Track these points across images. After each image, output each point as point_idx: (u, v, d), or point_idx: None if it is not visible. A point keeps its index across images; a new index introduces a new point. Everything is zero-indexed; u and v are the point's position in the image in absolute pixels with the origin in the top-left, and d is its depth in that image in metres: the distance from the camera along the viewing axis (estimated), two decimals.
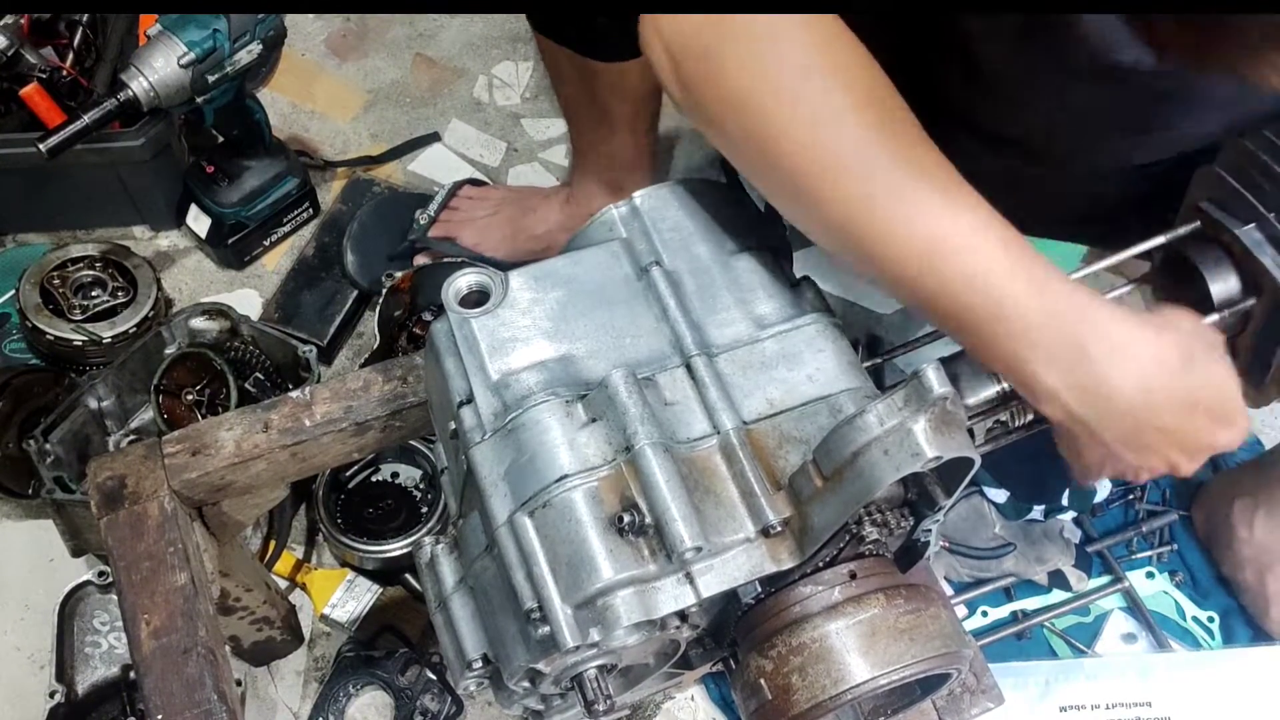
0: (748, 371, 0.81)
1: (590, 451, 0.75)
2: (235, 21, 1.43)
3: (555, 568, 0.73)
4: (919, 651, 0.77)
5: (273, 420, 1.04)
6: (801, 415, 0.79)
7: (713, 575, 0.73)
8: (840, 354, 0.83)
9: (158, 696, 0.93)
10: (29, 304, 1.50)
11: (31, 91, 1.54)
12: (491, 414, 0.78)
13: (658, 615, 0.73)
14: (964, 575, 1.44)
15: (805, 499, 0.73)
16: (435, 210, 1.68)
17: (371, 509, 1.46)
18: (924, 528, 0.80)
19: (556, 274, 0.85)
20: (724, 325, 0.83)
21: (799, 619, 0.78)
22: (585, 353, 0.81)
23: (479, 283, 0.84)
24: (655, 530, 0.72)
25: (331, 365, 1.63)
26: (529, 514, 0.74)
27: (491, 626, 0.82)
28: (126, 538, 0.99)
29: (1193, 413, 0.80)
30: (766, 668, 0.78)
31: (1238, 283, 0.88)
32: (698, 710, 1.40)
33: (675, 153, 1.86)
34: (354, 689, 1.35)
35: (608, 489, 0.74)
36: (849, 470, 0.70)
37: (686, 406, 0.78)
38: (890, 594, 0.79)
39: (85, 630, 1.35)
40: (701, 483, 0.75)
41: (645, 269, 0.86)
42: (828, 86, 0.78)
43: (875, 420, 0.69)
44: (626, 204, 0.90)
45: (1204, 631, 1.43)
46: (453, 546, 0.87)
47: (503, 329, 0.82)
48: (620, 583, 0.71)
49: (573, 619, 0.72)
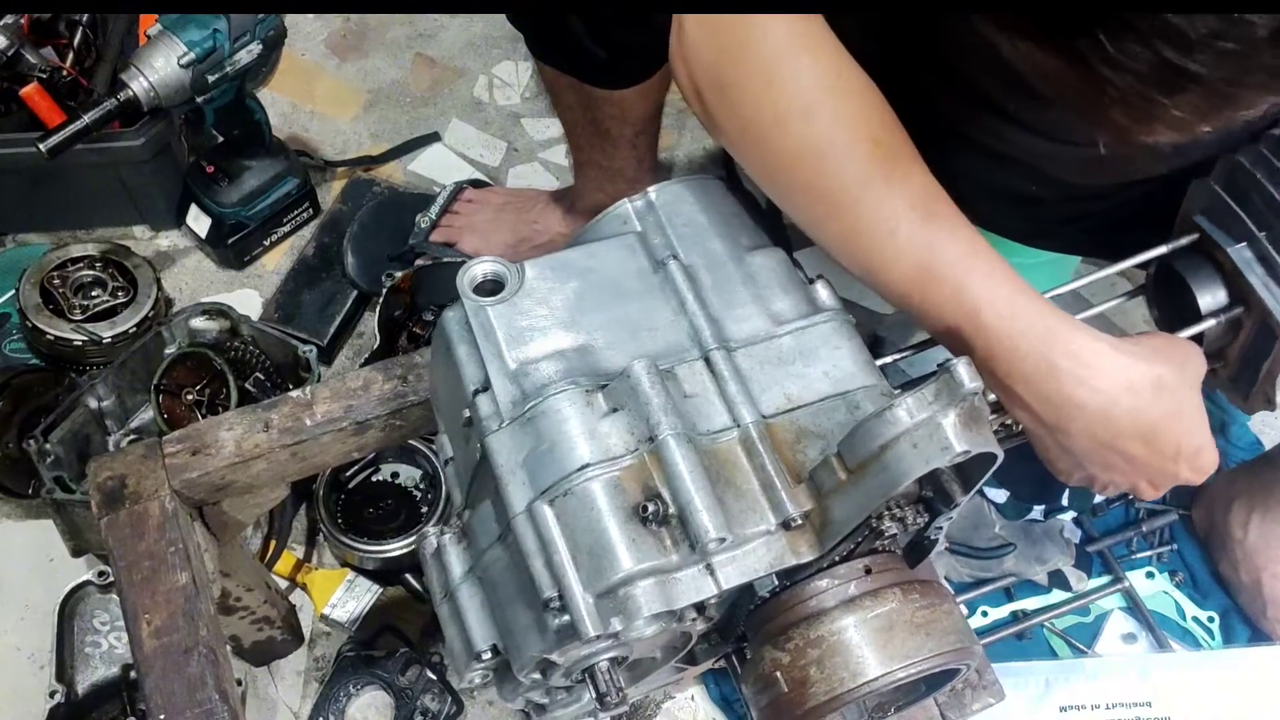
0: (765, 366, 0.81)
1: (612, 441, 0.75)
2: (235, 21, 1.43)
3: (576, 556, 0.73)
4: (935, 646, 0.77)
5: (273, 420, 1.04)
6: (819, 411, 0.79)
7: (733, 567, 0.74)
8: (856, 352, 0.83)
9: (159, 696, 0.93)
10: (29, 304, 1.50)
11: (31, 91, 1.54)
12: (509, 402, 0.78)
13: (678, 606, 0.73)
14: (964, 575, 1.44)
15: (827, 492, 0.74)
16: (436, 213, 1.68)
17: (372, 509, 1.46)
18: (937, 525, 0.80)
19: (572, 265, 0.85)
20: (741, 320, 0.84)
21: (816, 612, 0.78)
22: (603, 343, 0.81)
23: (494, 271, 0.84)
24: (678, 520, 0.72)
25: (331, 365, 1.63)
26: (549, 502, 0.74)
27: (502, 617, 0.82)
28: (127, 538, 0.99)
29: (1154, 442, 0.84)
30: (783, 660, 0.78)
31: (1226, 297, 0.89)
32: (698, 710, 1.40)
33: (676, 151, 1.86)
34: (354, 689, 1.35)
35: (629, 479, 0.74)
36: (875, 463, 0.70)
37: (706, 399, 0.79)
38: (906, 589, 0.79)
39: (85, 630, 1.34)
40: (722, 475, 0.75)
41: (661, 262, 0.86)
42: (830, 123, 0.84)
43: (905, 414, 0.69)
44: (641, 198, 0.90)
45: (1204, 631, 1.43)
46: (460, 537, 0.87)
47: (520, 318, 0.82)
48: (642, 573, 0.71)
49: (594, 608, 0.72)
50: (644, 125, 1.41)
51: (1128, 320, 1.70)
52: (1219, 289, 0.89)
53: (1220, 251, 0.88)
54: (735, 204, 0.92)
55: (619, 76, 1.27)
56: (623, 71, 1.27)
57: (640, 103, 1.35)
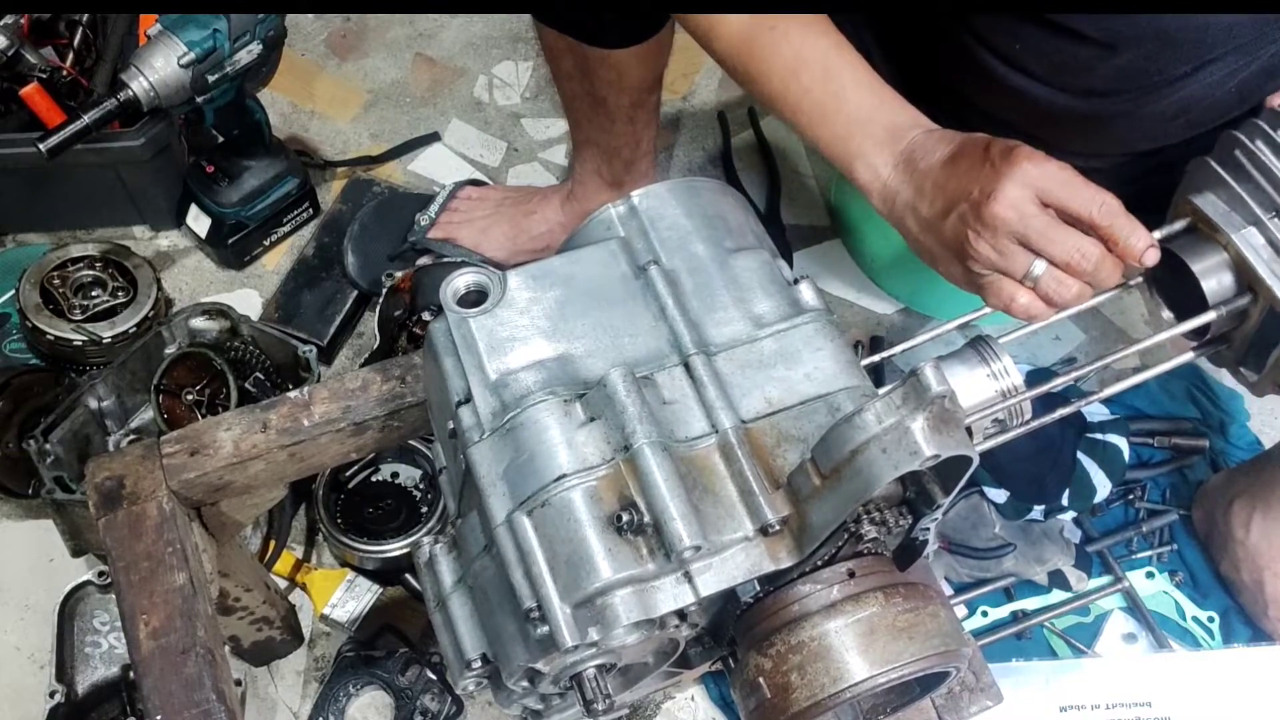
0: (746, 370, 0.81)
1: (589, 451, 0.75)
2: (235, 21, 1.43)
3: (554, 567, 0.73)
4: (917, 650, 0.77)
5: (271, 420, 1.04)
6: (800, 414, 0.79)
7: (711, 574, 0.73)
8: (838, 353, 0.83)
9: (157, 696, 0.93)
10: (29, 304, 1.50)
11: (31, 91, 1.54)
12: (490, 413, 0.78)
13: (656, 614, 0.72)
14: (964, 575, 1.44)
15: (804, 497, 0.73)
16: (435, 212, 1.68)
17: (371, 509, 1.46)
18: (922, 526, 0.80)
19: (554, 273, 0.85)
20: (722, 324, 0.83)
21: (797, 617, 0.78)
22: (583, 352, 0.81)
23: (477, 282, 0.84)
24: (654, 529, 0.72)
25: (331, 365, 1.63)
26: (528, 513, 0.74)
27: (490, 626, 0.82)
28: (125, 538, 0.99)
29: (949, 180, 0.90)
30: (765, 666, 0.78)
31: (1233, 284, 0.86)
32: (698, 710, 1.40)
33: (675, 151, 1.86)
34: (354, 689, 1.35)
35: (606, 488, 0.74)
36: (847, 469, 0.70)
37: (685, 405, 0.78)
38: (889, 592, 0.78)
39: (85, 630, 1.35)
40: (700, 482, 0.75)
41: (643, 268, 0.85)
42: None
43: (873, 419, 0.69)
44: (624, 203, 0.90)
45: (1204, 631, 1.43)
46: (451, 546, 0.87)
47: (501, 328, 0.82)
48: (619, 582, 0.71)
49: (571, 618, 0.72)
50: (641, 96, 1.42)
51: (1127, 320, 1.70)
52: (1225, 274, 0.85)
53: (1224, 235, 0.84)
54: (721, 204, 0.92)
55: (618, 33, 1.27)
56: (623, 30, 1.27)
57: (638, 68, 1.35)
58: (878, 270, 1.69)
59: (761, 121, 1.88)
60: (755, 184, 1.80)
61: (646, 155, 1.53)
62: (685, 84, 1.92)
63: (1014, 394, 0.88)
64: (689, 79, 1.93)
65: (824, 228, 1.78)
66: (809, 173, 1.84)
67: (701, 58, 1.93)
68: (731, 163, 1.83)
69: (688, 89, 1.92)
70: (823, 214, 1.80)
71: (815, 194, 1.82)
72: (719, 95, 1.92)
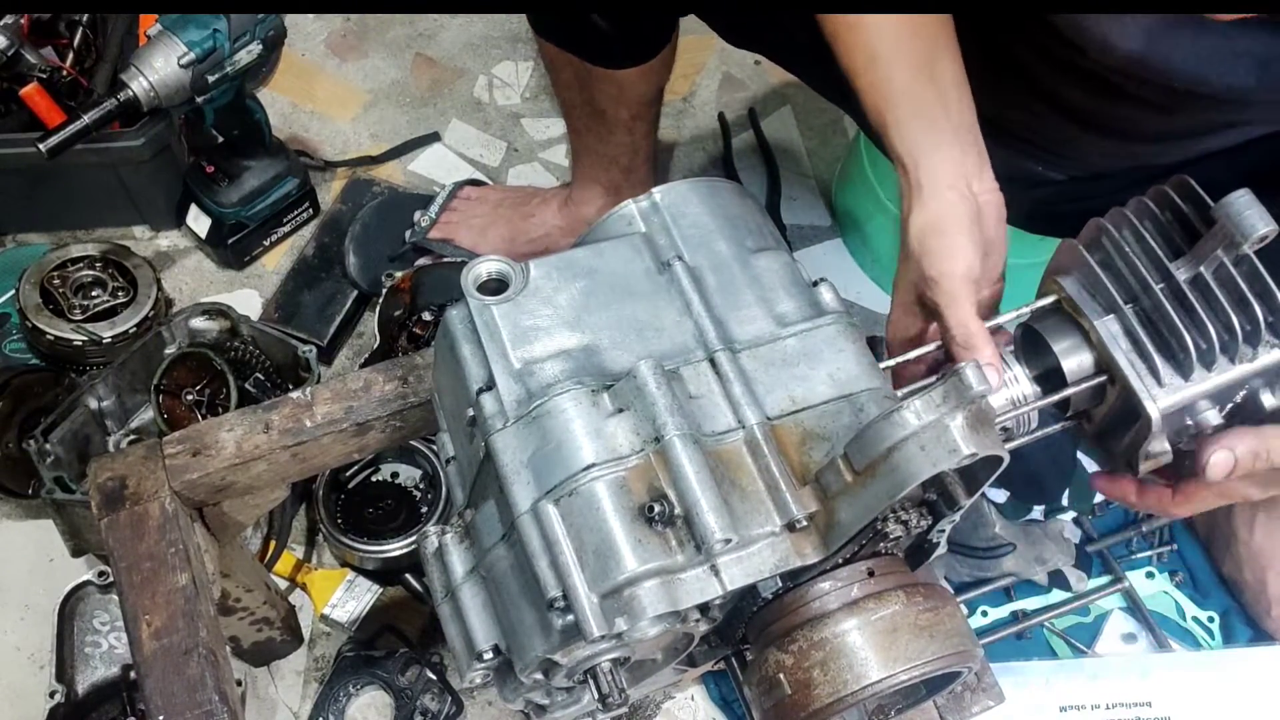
0: (770, 368, 0.81)
1: (618, 441, 0.74)
2: (235, 21, 1.43)
3: (581, 556, 0.72)
4: (939, 648, 0.77)
5: (273, 421, 1.04)
6: (824, 413, 0.79)
7: (738, 568, 0.73)
8: (860, 354, 0.83)
9: (159, 697, 0.93)
10: (29, 304, 1.50)
11: (31, 91, 1.54)
12: (514, 401, 0.78)
13: (683, 606, 0.72)
14: (964, 575, 1.44)
15: (833, 494, 0.74)
16: (435, 212, 1.68)
17: (371, 509, 1.46)
18: (939, 528, 0.80)
19: (578, 265, 0.85)
20: (746, 322, 0.83)
21: (820, 614, 0.78)
22: (608, 344, 0.81)
23: (498, 270, 0.84)
24: (684, 521, 0.72)
25: (331, 365, 1.63)
26: (554, 502, 0.74)
27: (505, 617, 0.82)
28: (127, 538, 0.99)
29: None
30: (786, 662, 0.78)
31: (1092, 365, 0.86)
32: (698, 710, 1.40)
33: (675, 152, 1.86)
34: (354, 689, 1.35)
35: (635, 479, 0.73)
36: (883, 465, 0.70)
37: (711, 400, 0.78)
38: (909, 591, 0.79)
39: (85, 630, 1.35)
40: (727, 476, 0.75)
41: (667, 263, 0.85)
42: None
43: (913, 416, 0.69)
44: (646, 199, 0.90)
45: (1204, 631, 1.43)
46: (462, 536, 0.86)
47: (525, 317, 0.81)
48: (647, 573, 0.71)
49: (599, 608, 0.71)
50: (641, 109, 1.42)
51: None
52: (1085, 355, 0.86)
53: (1085, 320, 0.85)
54: (740, 205, 0.92)
55: (622, 55, 1.27)
56: (626, 50, 1.26)
57: (639, 83, 1.35)
58: (879, 270, 1.70)
59: (762, 122, 1.88)
60: (755, 184, 1.80)
61: (646, 161, 1.53)
62: (685, 85, 1.93)
63: (1024, 403, 0.88)
64: (689, 80, 1.93)
65: (824, 228, 1.78)
66: (809, 173, 1.84)
67: (702, 58, 1.95)
68: (732, 163, 1.83)
69: (688, 89, 1.93)
70: (823, 214, 1.80)
71: (815, 194, 1.82)
72: (719, 96, 1.93)
